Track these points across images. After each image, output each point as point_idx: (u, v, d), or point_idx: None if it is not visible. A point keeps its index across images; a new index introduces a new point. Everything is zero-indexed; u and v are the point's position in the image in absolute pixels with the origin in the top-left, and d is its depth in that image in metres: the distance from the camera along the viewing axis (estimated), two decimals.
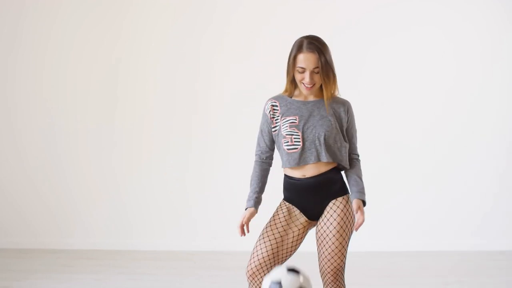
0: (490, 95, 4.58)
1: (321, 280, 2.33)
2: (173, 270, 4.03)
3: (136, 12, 4.64)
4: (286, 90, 2.34)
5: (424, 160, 4.59)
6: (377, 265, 4.17)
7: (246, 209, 2.28)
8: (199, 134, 4.60)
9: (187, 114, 4.64)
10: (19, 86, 4.68)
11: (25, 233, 4.69)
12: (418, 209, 4.59)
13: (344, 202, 2.27)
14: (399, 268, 4.09)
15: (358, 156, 2.37)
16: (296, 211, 2.30)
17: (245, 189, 2.54)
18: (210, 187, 4.51)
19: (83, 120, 4.66)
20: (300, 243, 2.33)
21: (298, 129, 2.23)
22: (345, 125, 2.32)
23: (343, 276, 2.30)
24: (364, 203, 2.27)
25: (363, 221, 2.20)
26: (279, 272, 2.00)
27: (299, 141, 2.23)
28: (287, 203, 2.33)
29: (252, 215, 2.27)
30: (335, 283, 2.27)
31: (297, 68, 2.24)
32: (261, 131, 2.33)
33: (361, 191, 2.28)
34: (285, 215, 2.30)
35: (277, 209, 2.35)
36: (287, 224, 2.28)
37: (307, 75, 2.22)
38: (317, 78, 2.24)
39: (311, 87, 2.24)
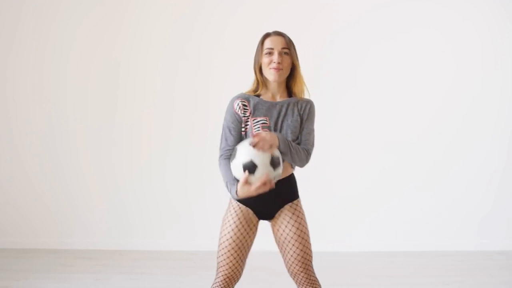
0: (490, 95, 4.59)
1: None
2: (173, 270, 4.03)
3: (136, 11, 4.64)
4: (253, 90, 2.32)
5: (424, 160, 4.59)
6: (377, 265, 4.17)
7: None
8: (199, 133, 4.60)
9: (187, 113, 4.64)
10: (18, 85, 4.68)
11: (25, 233, 4.69)
12: (418, 209, 4.59)
13: (294, 206, 2.34)
14: (399, 268, 4.09)
15: (307, 150, 2.28)
16: (248, 211, 2.28)
17: None
18: (210, 187, 4.51)
19: (83, 120, 4.66)
20: (255, 237, 2.35)
21: (270, 130, 2.22)
22: (304, 123, 2.30)
23: (313, 271, 2.34)
24: (280, 144, 2.13)
25: (260, 139, 2.04)
26: (246, 152, 2.04)
27: None
28: (240, 205, 2.28)
29: None
30: (308, 279, 2.30)
31: (265, 51, 2.25)
32: (229, 129, 2.26)
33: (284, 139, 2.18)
34: (239, 217, 2.27)
35: (230, 212, 2.30)
36: (243, 227, 2.27)
37: (275, 56, 2.23)
38: (285, 61, 2.25)
39: (279, 69, 2.23)
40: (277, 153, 2.09)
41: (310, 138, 2.30)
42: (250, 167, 2.02)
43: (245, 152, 2.05)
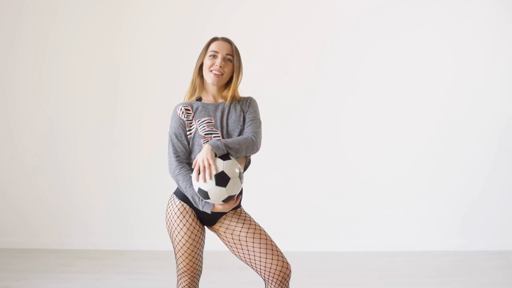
0: (490, 95, 4.58)
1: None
2: (173, 270, 4.03)
3: (135, 11, 4.64)
4: (191, 95, 2.32)
5: (424, 160, 4.59)
6: (377, 265, 4.17)
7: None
8: None
9: None
10: (18, 85, 4.68)
11: (25, 233, 4.69)
12: (418, 209, 4.59)
13: (238, 212, 2.26)
14: (399, 268, 4.09)
15: (251, 138, 2.20)
16: (189, 213, 2.23)
17: (245, 189, 2.54)
18: None
19: (83, 120, 4.66)
20: (204, 231, 2.30)
21: (217, 128, 2.21)
22: (245, 114, 2.28)
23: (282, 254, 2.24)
24: (215, 152, 2.08)
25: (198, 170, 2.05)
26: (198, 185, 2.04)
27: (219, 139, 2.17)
28: (181, 201, 2.24)
29: None
30: (282, 282, 2.18)
31: (209, 53, 2.27)
32: (176, 135, 2.24)
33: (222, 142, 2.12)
34: (184, 215, 2.23)
35: (173, 210, 2.26)
36: (191, 225, 2.23)
37: (219, 59, 2.25)
38: (227, 67, 2.26)
39: (220, 74, 2.24)
40: (220, 168, 2.02)
41: (252, 126, 2.23)
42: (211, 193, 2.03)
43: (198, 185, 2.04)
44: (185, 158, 2.25)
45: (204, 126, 2.21)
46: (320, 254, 4.47)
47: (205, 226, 2.32)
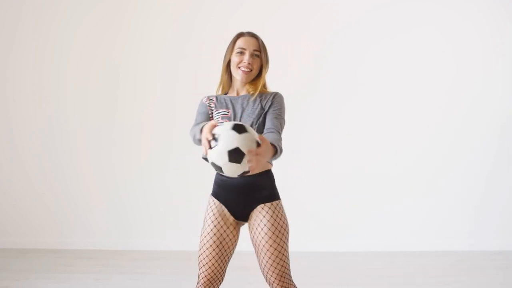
0: (490, 95, 4.58)
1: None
2: (173, 270, 4.03)
3: (135, 11, 4.64)
4: (220, 91, 2.32)
5: (424, 160, 4.59)
6: (377, 265, 4.17)
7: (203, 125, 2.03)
8: None
9: (187, 113, 4.62)
10: (18, 85, 4.68)
11: (25, 233, 4.69)
12: (418, 209, 4.59)
13: (273, 208, 2.17)
14: (399, 268, 4.09)
15: (274, 130, 2.13)
16: (224, 210, 2.22)
17: None
18: (210, 187, 4.50)
19: (83, 120, 4.66)
20: (237, 239, 2.25)
21: (230, 120, 2.19)
22: (269, 109, 2.20)
23: (290, 279, 2.20)
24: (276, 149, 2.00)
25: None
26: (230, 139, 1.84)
27: None
28: (215, 201, 2.24)
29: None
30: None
31: (236, 50, 2.24)
32: (200, 113, 2.25)
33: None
34: (216, 217, 2.21)
35: (208, 211, 2.25)
36: (221, 227, 2.20)
37: (246, 56, 2.22)
38: (255, 63, 2.24)
39: (248, 71, 2.22)
40: (235, 144, 1.84)
41: (277, 122, 2.16)
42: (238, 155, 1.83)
43: (228, 139, 1.84)
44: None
45: (218, 117, 2.21)
46: (320, 254, 4.47)
47: (234, 232, 2.24)
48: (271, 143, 1.96)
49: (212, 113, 2.25)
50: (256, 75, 2.27)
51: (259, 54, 2.25)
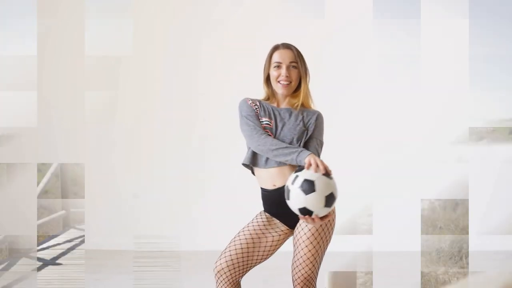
0: (490, 96, 4.58)
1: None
2: (173, 270, 4.03)
3: (135, 11, 4.64)
4: (262, 99, 2.32)
5: (423, 159, 4.59)
6: (377, 265, 4.17)
7: (306, 155, 2.08)
8: (200, 134, 4.59)
9: (187, 113, 4.64)
10: None
11: (26, 233, 4.68)
12: (418, 209, 4.59)
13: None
14: (399, 268, 4.08)
15: None
16: (276, 221, 2.25)
17: (245, 189, 2.54)
18: (210, 187, 4.51)
19: (83, 120, 4.66)
20: (276, 249, 2.26)
21: (272, 132, 2.19)
22: (310, 133, 2.26)
23: (315, 285, 2.22)
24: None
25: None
26: (312, 174, 1.95)
27: None
28: (267, 214, 2.28)
29: None
30: None
31: (273, 65, 2.23)
32: (250, 116, 2.21)
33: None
34: (263, 221, 2.24)
35: (256, 216, 2.30)
36: (266, 229, 2.22)
37: (283, 70, 2.21)
38: (294, 74, 2.23)
39: (287, 84, 2.22)
40: (330, 189, 1.99)
41: (320, 150, 2.29)
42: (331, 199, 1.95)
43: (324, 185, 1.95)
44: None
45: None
46: None
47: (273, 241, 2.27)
48: None
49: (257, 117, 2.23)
50: (296, 87, 2.27)
51: (296, 65, 2.24)
